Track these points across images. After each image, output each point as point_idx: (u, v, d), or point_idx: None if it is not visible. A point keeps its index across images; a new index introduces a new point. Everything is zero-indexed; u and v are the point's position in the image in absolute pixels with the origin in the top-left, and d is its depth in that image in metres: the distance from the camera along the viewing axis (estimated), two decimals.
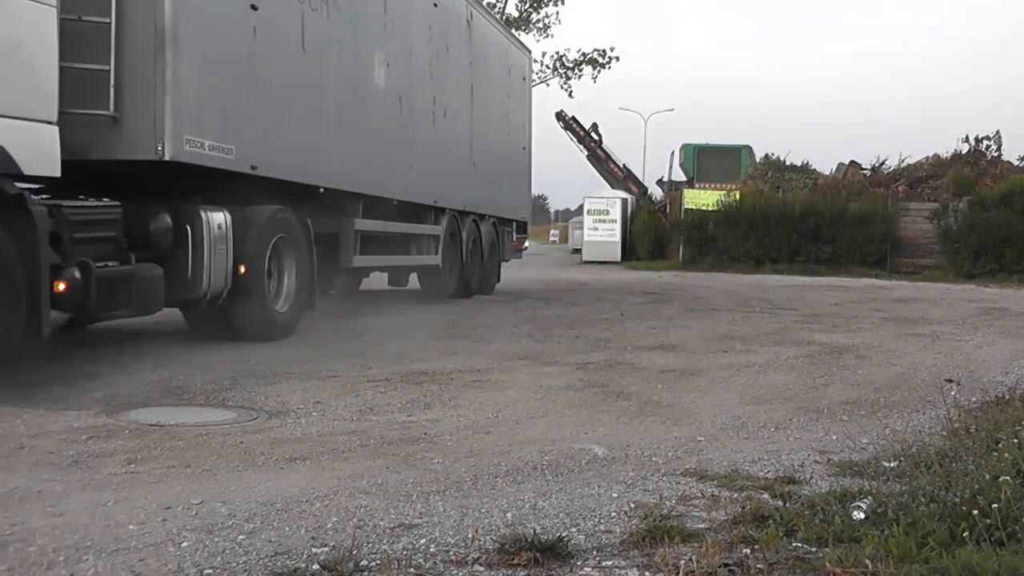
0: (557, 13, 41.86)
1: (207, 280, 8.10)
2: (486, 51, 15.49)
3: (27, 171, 6.28)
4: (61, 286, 6.43)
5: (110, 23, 7.17)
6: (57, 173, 6.63)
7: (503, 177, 16.97)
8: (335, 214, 10.62)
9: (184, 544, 3.38)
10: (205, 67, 7.91)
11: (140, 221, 7.55)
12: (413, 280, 15.13)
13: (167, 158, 7.43)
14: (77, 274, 6.54)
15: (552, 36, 47.27)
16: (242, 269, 8.50)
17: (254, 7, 8.51)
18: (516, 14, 38.49)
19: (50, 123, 6.59)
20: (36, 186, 6.90)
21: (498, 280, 17.36)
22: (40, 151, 6.46)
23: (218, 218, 8.24)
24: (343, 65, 10.37)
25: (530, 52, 19.72)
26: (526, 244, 33.21)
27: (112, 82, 7.21)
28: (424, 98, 12.79)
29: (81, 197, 7.22)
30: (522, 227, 19.20)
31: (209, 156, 7.92)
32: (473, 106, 14.85)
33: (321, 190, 10.02)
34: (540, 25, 39.34)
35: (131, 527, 3.55)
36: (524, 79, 18.38)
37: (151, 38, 7.36)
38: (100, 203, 7.24)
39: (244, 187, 8.65)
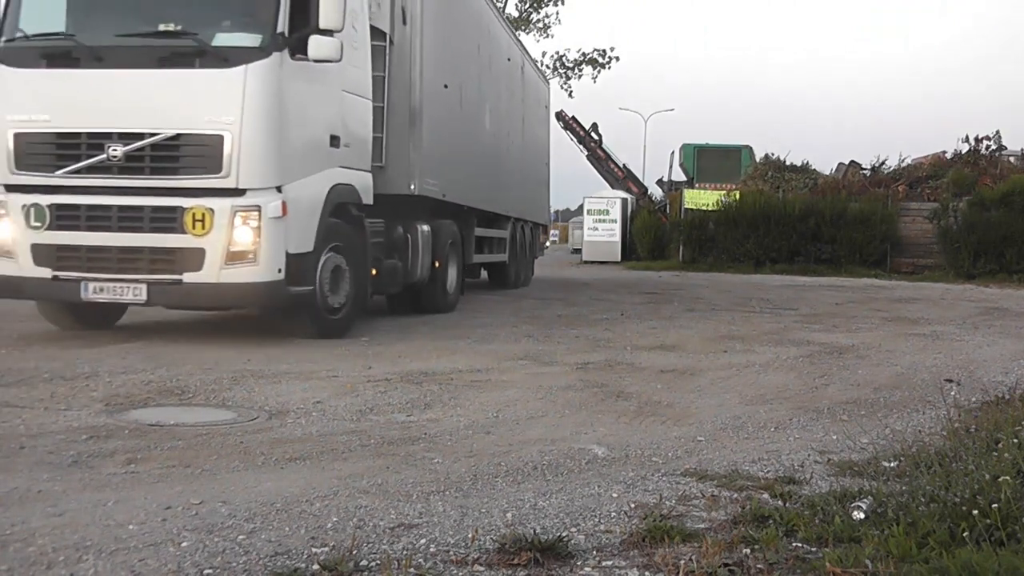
0: (557, 13, 41.93)
1: (420, 271, 11.59)
2: (528, 88, 19.42)
3: (364, 201, 10.08)
4: (374, 272, 10.34)
5: (383, 106, 10.78)
6: (371, 202, 10.27)
7: (535, 188, 20.88)
8: (464, 224, 14.11)
9: (184, 544, 3.38)
10: (430, 130, 11.58)
11: (388, 232, 10.98)
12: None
13: (416, 193, 11.24)
14: (376, 265, 10.38)
15: (552, 36, 47.39)
16: (437, 263, 12.20)
17: (446, 86, 12.39)
18: (516, 14, 38.50)
19: (368, 171, 10.25)
20: None
21: (532, 274, 20.73)
22: (367, 190, 10.19)
23: (425, 229, 11.77)
24: (473, 115, 14.38)
25: (549, 83, 24.19)
26: (547, 243, 35.90)
27: (384, 144, 10.88)
28: (502, 132, 16.86)
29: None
30: (543, 229, 24.38)
31: (431, 190, 11.71)
32: (524, 133, 18.87)
33: (465, 208, 13.81)
34: (540, 25, 39.41)
35: (131, 527, 3.55)
36: (546, 107, 22.67)
37: (407, 115, 11.11)
38: (377, 220, 10.61)
39: (421, 207, 11.93)
